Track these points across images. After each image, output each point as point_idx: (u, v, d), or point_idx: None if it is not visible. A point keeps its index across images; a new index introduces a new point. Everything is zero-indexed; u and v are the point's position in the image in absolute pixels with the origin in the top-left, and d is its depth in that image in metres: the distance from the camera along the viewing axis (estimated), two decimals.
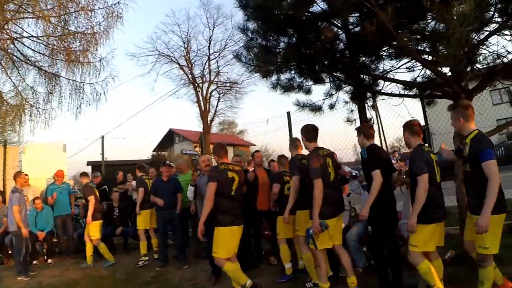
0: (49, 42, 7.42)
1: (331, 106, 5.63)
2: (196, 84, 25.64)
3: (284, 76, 4.85)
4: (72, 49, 7.62)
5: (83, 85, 8.21)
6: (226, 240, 3.26)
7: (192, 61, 25.95)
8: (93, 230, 5.33)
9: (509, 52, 3.78)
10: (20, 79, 7.91)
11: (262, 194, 4.44)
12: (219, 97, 26.65)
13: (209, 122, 25.43)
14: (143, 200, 5.41)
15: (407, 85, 4.88)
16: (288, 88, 4.92)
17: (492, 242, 2.50)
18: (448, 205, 3.16)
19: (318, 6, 4.11)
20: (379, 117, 11.27)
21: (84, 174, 6.22)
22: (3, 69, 7.59)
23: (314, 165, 3.07)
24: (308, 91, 5.42)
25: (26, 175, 5.44)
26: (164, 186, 5.12)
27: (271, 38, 4.31)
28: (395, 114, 5.90)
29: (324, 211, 3.00)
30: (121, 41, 33.46)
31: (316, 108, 5.34)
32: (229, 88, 26.56)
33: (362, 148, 3.29)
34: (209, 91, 25.85)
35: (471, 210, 2.70)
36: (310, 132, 3.34)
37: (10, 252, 5.76)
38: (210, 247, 3.38)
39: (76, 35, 7.62)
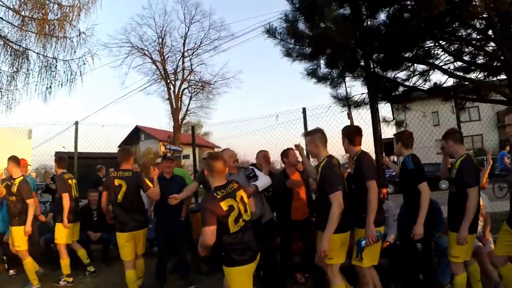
0: (20, 10, 6.13)
1: (357, 104, 5.12)
2: (169, 81, 24.57)
3: (320, 63, 4.27)
4: (48, 19, 6.30)
5: (56, 61, 6.88)
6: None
7: (166, 56, 24.84)
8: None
9: None
10: None
11: (297, 201, 3.74)
12: (190, 96, 25.92)
13: (180, 120, 24.62)
14: (68, 209, 4.16)
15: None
16: (323, 78, 4.35)
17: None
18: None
19: None
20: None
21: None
22: None
23: (369, 165, 2.73)
24: (336, 85, 4.91)
25: None
26: (167, 186, 3.88)
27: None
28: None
29: (377, 218, 2.66)
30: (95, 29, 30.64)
31: (353, 103, 4.85)
32: (201, 88, 25.83)
33: (399, 156, 3.06)
34: (181, 89, 25.03)
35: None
36: (355, 134, 2.93)
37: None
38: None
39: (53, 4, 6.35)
